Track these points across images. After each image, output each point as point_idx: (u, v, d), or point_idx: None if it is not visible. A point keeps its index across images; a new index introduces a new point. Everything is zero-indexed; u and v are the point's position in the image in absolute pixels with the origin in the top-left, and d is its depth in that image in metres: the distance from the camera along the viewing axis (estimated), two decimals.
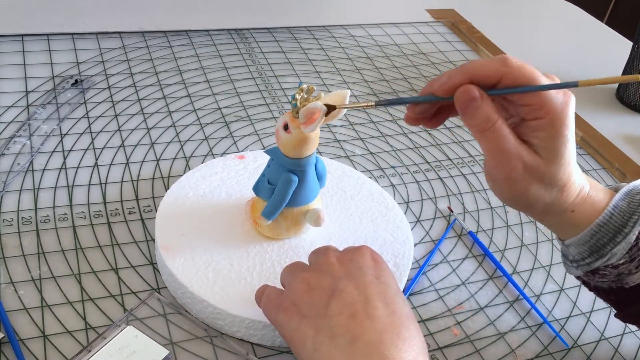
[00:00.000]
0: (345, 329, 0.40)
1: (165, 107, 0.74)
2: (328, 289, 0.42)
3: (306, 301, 0.42)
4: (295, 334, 0.41)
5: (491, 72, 0.42)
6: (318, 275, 0.43)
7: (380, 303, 0.41)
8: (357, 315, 0.40)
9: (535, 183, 0.43)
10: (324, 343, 0.40)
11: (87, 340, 0.47)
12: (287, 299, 0.43)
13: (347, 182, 0.62)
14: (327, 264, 0.44)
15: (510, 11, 1.19)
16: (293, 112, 0.48)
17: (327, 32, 0.97)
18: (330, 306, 0.41)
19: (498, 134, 0.42)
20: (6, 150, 0.63)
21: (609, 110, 0.90)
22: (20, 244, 0.54)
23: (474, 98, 0.42)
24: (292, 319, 0.42)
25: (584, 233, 0.46)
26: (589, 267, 0.47)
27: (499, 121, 0.42)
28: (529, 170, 0.42)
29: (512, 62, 0.41)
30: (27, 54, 0.79)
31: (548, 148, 0.42)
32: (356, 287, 0.42)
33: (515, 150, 0.42)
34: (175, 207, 0.56)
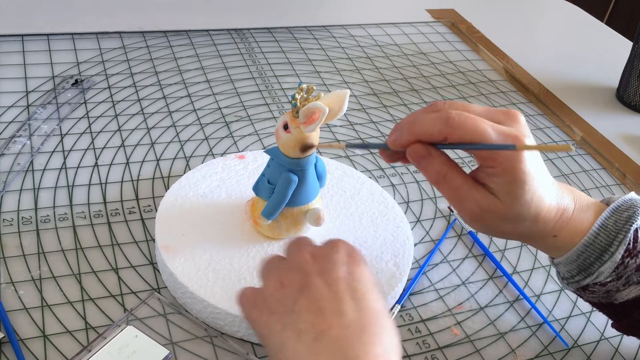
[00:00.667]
0: (310, 324, 0.39)
1: (165, 107, 0.74)
2: (298, 286, 0.41)
3: (277, 298, 0.42)
4: (264, 330, 0.41)
5: (435, 133, 0.44)
6: (290, 273, 0.43)
7: (349, 299, 0.40)
8: (324, 311, 0.40)
9: (499, 221, 0.45)
10: (290, 339, 0.39)
11: (87, 340, 0.47)
12: (260, 296, 0.43)
13: (347, 182, 0.62)
14: (301, 260, 0.44)
15: (510, 11, 1.19)
16: (293, 112, 0.48)
17: (327, 32, 0.97)
18: (298, 302, 0.40)
19: (450, 185, 0.45)
20: (6, 150, 0.63)
21: (609, 110, 0.90)
22: (20, 243, 0.54)
23: (422, 156, 0.45)
24: (262, 315, 0.42)
25: (570, 253, 0.47)
26: (578, 284, 0.48)
27: (448, 173, 0.44)
28: (488, 213, 0.44)
29: (454, 121, 0.43)
30: (27, 54, 0.79)
31: (505, 192, 0.44)
32: (326, 283, 0.41)
33: (470, 196, 0.44)
34: (176, 207, 0.56)
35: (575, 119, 0.86)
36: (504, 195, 0.44)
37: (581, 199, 0.47)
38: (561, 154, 0.78)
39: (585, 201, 0.48)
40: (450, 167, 0.45)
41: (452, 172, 0.45)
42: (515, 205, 0.44)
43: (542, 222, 0.45)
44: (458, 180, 0.45)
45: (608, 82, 0.96)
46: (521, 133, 0.44)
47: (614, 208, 0.47)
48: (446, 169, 0.45)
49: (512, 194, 0.43)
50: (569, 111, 0.87)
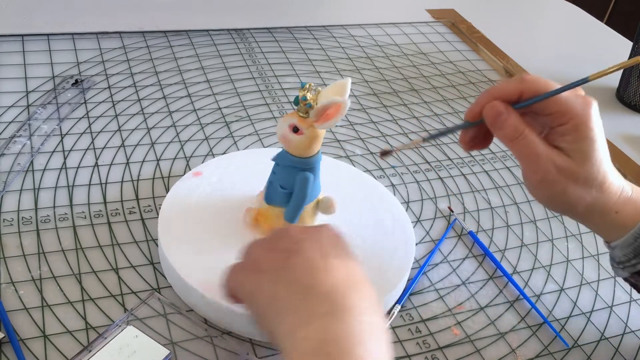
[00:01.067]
0: (301, 279, 0.40)
1: (165, 107, 0.74)
2: (288, 249, 0.43)
3: (266, 259, 0.42)
4: (253, 288, 0.42)
5: (511, 90, 0.46)
6: (280, 239, 0.44)
7: (337, 261, 0.42)
8: (313, 268, 0.41)
9: (571, 184, 0.46)
10: (280, 291, 0.40)
11: (87, 340, 0.47)
12: (248, 260, 0.44)
13: (348, 182, 0.62)
14: (289, 231, 0.45)
15: (510, 11, 1.19)
16: (299, 112, 0.48)
17: (327, 32, 0.97)
18: (289, 260, 0.42)
19: (527, 141, 0.46)
20: (6, 150, 0.63)
21: (609, 110, 0.90)
22: (20, 243, 0.54)
23: (499, 112, 0.46)
24: (250, 275, 0.42)
25: (628, 235, 0.48)
26: (634, 268, 0.48)
27: (526, 130, 0.46)
28: (562, 172, 0.46)
29: (528, 77, 0.46)
30: (27, 54, 0.79)
31: (576, 150, 0.46)
32: (314, 247, 0.43)
33: (546, 153, 0.46)
34: (179, 205, 0.56)
35: None
36: (576, 153, 0.46)
37: (636, 187, 0.49)
38: None
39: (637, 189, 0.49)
40: (527, 124, 0.46)
41: (529, 131, 0.46)
42: (585, 163, 0.46)
43: (606, 193, 0.47)
44: (533, 139, 0.46)
45: (608, 82, 0.96)
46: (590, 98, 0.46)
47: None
48: (523, 125, 0.46)
49: (582, 151, 0.45)
50: None
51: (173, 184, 0.59)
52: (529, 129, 0.46)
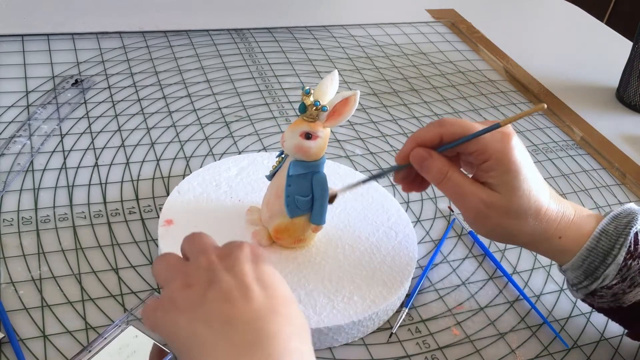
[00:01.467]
0: (219, 312, 0.38)
1: (165, 107, 0.74)
2: (205, 283, 0.40)
3: (183, 297, 0.40)
4: (171, 329, 0.40)
5: (431, 135, 0.48)
6: (197, 273, 0.42)
7: (257, 287, 0.40)
8: (233, 299, 0.39)
9: (504, 217, 0.48)
10: (198, 328, 0.38)
11: (87, 340, 0.47)
12: (166, 298, 0.41)
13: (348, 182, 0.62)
14: (206, 261, 0.42)
15: (510, 11, 1.19)
16: (307, 118, 0.48)
17: (327, 32, 0.97)
18: (206, 295, 0.39)
19: (452, 182, 0.48)
20: (6, 150, 0.63)
21: (609, 110, 0.90)
22: (20, 244, 0.54)
23: (423, 157, 0.48)
24: (168, 314, 0.40)
25: (576, 258, 0.49)
26: (586, 289, 0.50)
27: (449, 171, 0.48)
28: (492, 207, 0.47)
29: (446, 121, 0.48)
30: (27, 54, 0.79)
31: (502, 184, 0.47)
32: (233, 276, 0.40)
33: (471, 191, 0.47)
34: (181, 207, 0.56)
35: (575, 119, 0.86)
36: (502, 187, 0.47)
37: (579, 208, 0.50)
38: (561, 154, 0.78)
39: (584, 210, 0.51)
40: (451, 166, 0.48)
41: (453, 171, 0.48)
42: (515, 196, 0.47)
43: (544, 221, 0.48)
44: (459, 178, 0.48)
45: (608, 82, 0.96)
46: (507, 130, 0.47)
47: (613, 216, 0.50)
48: (447, 167, 0.48)
49: (508, 184, 0.47)
50: (569, 111, 0.87)
51: (173, 184, 0.59)
52: (453, 170, 0.48)
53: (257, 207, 0.56)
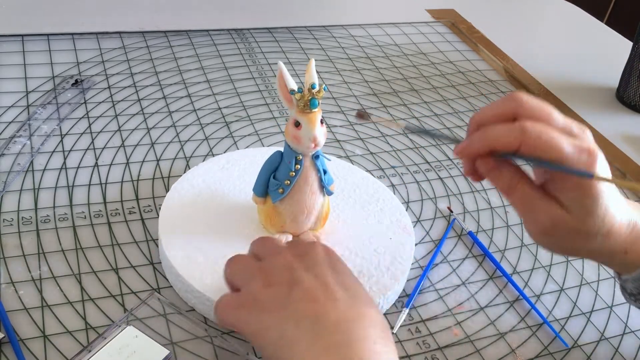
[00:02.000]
0: (307, 312, 0.40)
1: (165, 107, 0.74)
2: (287, 282, 0.42)
3: (267, 296, 0.42)
4: (257, 328, 0.41)
5: (510, 141, 0.42)
6: (276, 272, 0.43)
7: (340, 289, 0.42)
8: (319, 299, 0.40)
9: (570, 236, 0.44)
10: (288, 329, 0.39)
11: (87, 340, 0.47)
12: (248, 297, 0.43)
13: (348, 182, 0.62)
14: (283, 260, 0.44)
15: (510, 11, 1.19)
16: (305, 108, 0.48)
17: (327, 32, 0.97)
18: (291, 295, 0.41)
19: (521, 195, 0.44)
20: (6, 150, 0.63)
21: (609, 110, 0.90)
22: (20, 244, 0.54)
23: (492, 167, 0.44)
24: (252, 314, 0.41)
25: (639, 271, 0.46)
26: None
27: (519, 184, 0.43)
28: (560, 226, 0.43)
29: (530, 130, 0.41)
30: (27, 54, 0.79)
31: (577, 206, 0.42)
32: (315, 276, 0.42)
33: (542, 207, 0.43)
34: (180, 205, 0.56)
35: (575, 119, 0.85)
36: (577, 209, 0.42)
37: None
38: None
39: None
40: (521, 178, 0.44)
41: (523, 184, 0.44)
42: (588, 219, 0.43)
43: (613, 238, 0.44)
44: (529, 192, 0.44)
45: (608, 82, 0.96)
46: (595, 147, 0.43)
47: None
48: (517, 180, 0.44)
49: (584, 208, 0.42)
50: (569, 111, 0.87)
51: (173, 183, 0.59)
52: (523, 182, 0.44)
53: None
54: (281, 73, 0.49)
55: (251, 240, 0.54)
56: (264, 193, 0.53)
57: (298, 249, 0.45)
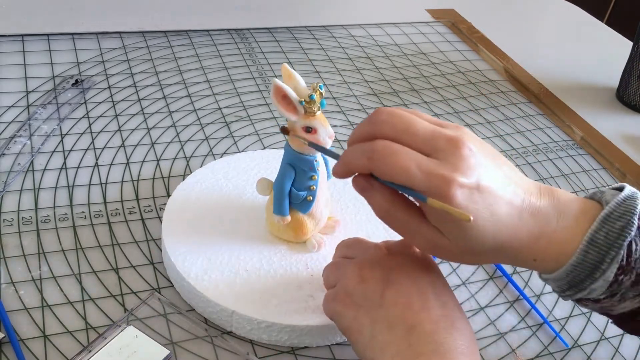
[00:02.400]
0: (401, 319, 0.41)
1: (165, 107, 0.74)
2: (381, 280, 0.43)
3: (361, 292, 0.43)
4: (352, 324, 0.43)
5: (361, 168, 0.41)
6: (370, 267, 0.44)
7: (432, 294, 0.43)
8: (412, 306, 0.41)
9: (458, 255, 0.41)
10: (381, 332, 0.41)
11: (87, 340, 0.47)
12: (342, 291, 0.44)
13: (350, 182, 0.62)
14: (377, 256, 0.45)
15: (510, 11, 1.19)
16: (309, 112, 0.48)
17: (327, 32, 0.97)
18: (385, 296, 0.42)
19: (395, 219, 0.41)
20: (6, 150, 0.63)
21: (609, 110, 0.90)
22: (20, 243, 0.54)
23: (363, 189, 0.41)
24: (348, 309, 0.43)
25: (558, 273, 0.42)
26: (570, 297, 0.44)
27: (392, 209, 0.41)
28: (441, 249, 0.41)
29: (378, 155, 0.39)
30: (27, 54, 0.79)
31: (447, 232, 0.40)
32: (408, 277, 0.43)
33: (417, 233, 0.41)
34: (183, 205, 0.56)
35: (575, 119, 0.86)
36: (449, 233, 0.40)
37: (565, 206, 0.41)
38: (561, 154, 0.78)
39: (571, 207, 0.41)
40: (394, 202, 0.41)
41: (396, 208, 0.41)
42: (465, 242, 0.39)
43: (511, 251, 0.40)
44: (403, 217, 0.41)
45: (608, 82, 0.96)
46: (451, 174, 0.38)
47: (604, 217, 0.40)
48: (389, 204, 0.41)
49: (453, 234, 0.39)
50: (569, 111, 0.87)
51: (173, 184, 0.59)
52: (396, 207, 0.40)
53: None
54: (280, 88, 0.47)
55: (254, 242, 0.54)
56: (288, 210, 0.52)
57: (392, 247, 0.47)
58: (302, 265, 0.53)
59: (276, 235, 0.54)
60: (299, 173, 0.51)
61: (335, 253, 0.50)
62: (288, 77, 0.49)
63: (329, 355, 0.50)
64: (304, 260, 0.53)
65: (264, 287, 0.50)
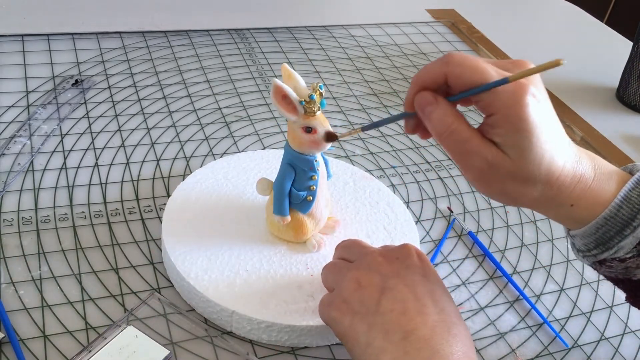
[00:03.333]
0: (397, 325, 0.41)
1: (165, 107, 0.74)
2: (378, 287, 0.43)
3: (357, 299, 0.43)
4: (348, 330, 0.43)
5: (435, 74, 0.41)
6: (367, 274, 0.44)
7: (429, 300, 0.43)
8: (408, 312, 0.42)
9: (509, 181, 0.41)
10: (377, 338, 0.41)
11: (87, 340, 0.47)
12: (338, 297, 0.44)
13: (349, 182, 0.62)
14: (374, 262, 0.45)
15: (510, 11, 1.19)
16: (309, 112, 0.48)
17: (327, 32, 0.97)
18: (381, 303, 0.42)
19: (455, 137, 0.41)
20: (6, 150, 0.63)
21: (609, 110, 0.90)
22: (20, 243, 0.54)
23: (427, 103, 0.41)
24: (344, 316, 0.43)
25: (589, 226, 0.43)
26: (595, 258, 0.45)
27: (454, 123, 0.41)
28: (496, 169, 0.40)
29: (453, 58, 0.40)
30: (27, 54, 0.79)
31: (510, 145, 0.40)
32: (405, 284, 0.43)
33: (476, 150, 0.40)
34: (183, 205, 0.56)
35: (575, 119, 0.86)
36: (510, 148, 0.40)
37: (602, 167, 0.44)
38: None
39: (607, 169, 0.44)
40: (456, 117, 0.41)
41: (459, 123, 0.41)
42: (523, 160, 0.40)
43: (556, 187, 0.41)
44: (464, 132, 0.41)
45: (608, 82, 0.96)
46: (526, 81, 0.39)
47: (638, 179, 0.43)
48: (452, 118, 0.41)
49: (517, 147, 0.39)
50: (569, 111, 0.87)
51: (173, 184, 0.59)
52: (458, 121, 0.41)
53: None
54: (280, 88, 0.47)
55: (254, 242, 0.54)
56: (288, 210, 0.52)
57: (390, 252, 0.46)
58: (302, 265, 0.53)
59: (276, 235, 0.54)
60: (299, 173, 0.51)
61: (334, 253, 0.51)
62: (288, 77, 0.49)
63: (329, 355, 0.50)
64: (304, 260, 0.53)
65: (264, 287, 0.50)
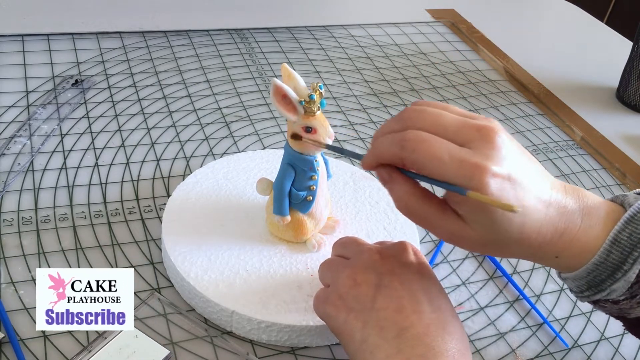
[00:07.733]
0: (392, 322, 0.41)
1: (165, 107, 0.74)
2: (373, 284, 0.43)
3: (353, 295, 0.43)
4: (343, 327, 0.43)
5: (392, 158, 0.40)
6: (363, 271, 0.44)
7: (424, 298, 0.43)
8: (404, 309, 0.42)
9: (479, 247, 0.40)
10: (371, 335, 0.41)
11: (87, 340, 0.47)
12: (334, 293, 0.44)
13: (349, 181, 0.62)
14: (370, 260, 0.45)
15: (510, 11, 1.19)
16: (309, 112, 0.48)
17: (327, 32, 0.97)
18: (376, 300, 0.42)
19: (414, 212, 0.41)
20: (6, 150, 0.63)
21: (609, 110, 0.90)
22: (20, 243, 0.54)
23: (385, 181, 0.41)
24: (339, 312, 0.43)
25: (579, 271, 0.42)
26: (588, 299, 0.44)
27: (411, 200, 0.40)
28: (463, 239, 0.40)
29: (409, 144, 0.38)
30: (27, 54, 0.79)
31: (474, 220, 0.39)
32: (401, 282, 0.43)
33: (437, 224, 0.40)
34: (183, 205, 0.56)
35: (575, 119, 0.86)
36: (474, 223, 0.39)
37: (589, 207, 0.41)
38: (561, 154, 0.78)
39: (595, 207, 0.42)
40: (414, 194, 0.40)
41: (417, 200, 0.40)
42: (489, 233, 0.39)
43: (535, 245, 0.40)
44: (423, 209, 0.40)
45: (608, 82, 0.96)
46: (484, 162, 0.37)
47: (629, 218, 0.41)
48: (407, 196, 0.40)
49: (481, 222, 0.39)
50: (569, 111, 0.87)
51: (173, 184, 0.59)
52: (416, 199, 0.40)
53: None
54: (280, 88, 0.46)
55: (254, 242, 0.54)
56: (288, 210, 0.52)
57: (386, 249, 0.46)
58: (302, 265, 0.53)
59: (276, 235, 0.54)
60: (299, 173, 0.51)
61: (332, 251, 0.51)
62: (288, 77, 0.49)
63: (329, 355, 0.50)
64: (304, 260, 0.53)
65: (264, 287, 0.50)
